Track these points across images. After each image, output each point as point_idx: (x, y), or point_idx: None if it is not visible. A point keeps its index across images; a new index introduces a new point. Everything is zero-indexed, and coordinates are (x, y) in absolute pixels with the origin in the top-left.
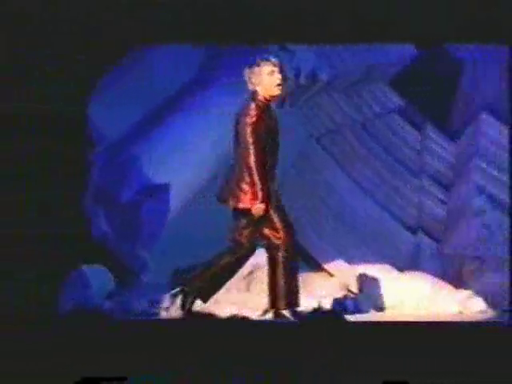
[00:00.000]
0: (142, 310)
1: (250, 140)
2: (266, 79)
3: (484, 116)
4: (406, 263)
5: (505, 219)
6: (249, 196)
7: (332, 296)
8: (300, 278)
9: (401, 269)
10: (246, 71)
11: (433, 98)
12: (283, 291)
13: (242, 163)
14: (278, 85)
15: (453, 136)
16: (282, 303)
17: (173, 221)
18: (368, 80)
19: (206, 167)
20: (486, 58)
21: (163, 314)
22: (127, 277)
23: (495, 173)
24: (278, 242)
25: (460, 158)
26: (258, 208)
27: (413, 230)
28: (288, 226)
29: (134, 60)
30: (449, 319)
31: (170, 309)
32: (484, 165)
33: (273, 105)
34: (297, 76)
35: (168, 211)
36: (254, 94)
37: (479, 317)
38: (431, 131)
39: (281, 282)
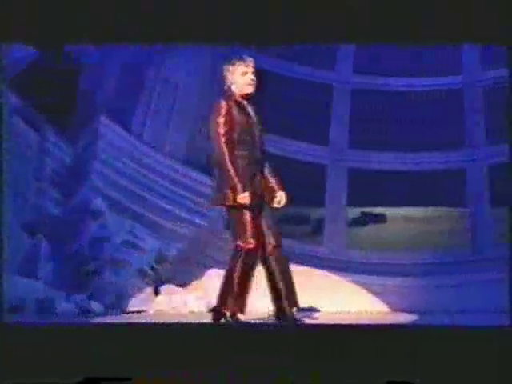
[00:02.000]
0: None
1: (221, 138)
2: (238, 78)
3: (102, 118)
4: (25, 265)
5: (124, 221)
6: (231, 192)
7: None
8: None
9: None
10: (224, 68)
11: (53, 99)
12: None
13: (218, 163)
14: (250, 84)
15: (72, 138)
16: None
17: None
18: None
19: None
20: (104, 59)
21: None
22: None
23: (113, 176)
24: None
25: (79, 161)
26: (242, 198)
27: (32, 232)
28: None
29: None
30: None
31: None
32: (102, 168)
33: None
34: None
35: None
36: (227, 90)
37: None
38: (50, 132)
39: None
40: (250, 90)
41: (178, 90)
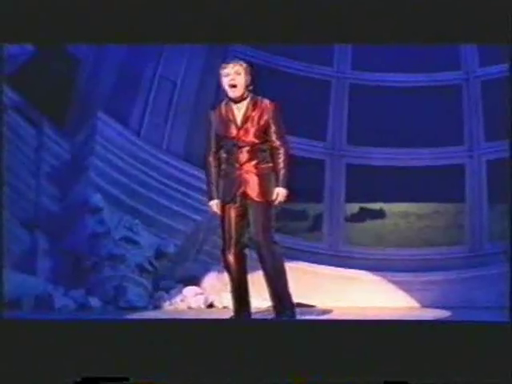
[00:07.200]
0: None
1: (208, 135)
2: (223, 80)
3: (100, 114)
4: (23, 261)
5: (122, 217)
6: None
7: None
8: None
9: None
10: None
11: (50, 96)
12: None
13: None
14: (230, 87)
15: (70, 134)
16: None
17: None
18: None
19: None
20: (101, 58)
21: None
22: None
23: (111, 171)
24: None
25: (77, 156)
26: (210, 206)
27: (29, 228)
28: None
29: None
30: None
31: None
32: (100, 163)
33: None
34: None
35: None
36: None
37: None
38: (48, 129)
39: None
40: (230, 93)
41: (176, 87)
